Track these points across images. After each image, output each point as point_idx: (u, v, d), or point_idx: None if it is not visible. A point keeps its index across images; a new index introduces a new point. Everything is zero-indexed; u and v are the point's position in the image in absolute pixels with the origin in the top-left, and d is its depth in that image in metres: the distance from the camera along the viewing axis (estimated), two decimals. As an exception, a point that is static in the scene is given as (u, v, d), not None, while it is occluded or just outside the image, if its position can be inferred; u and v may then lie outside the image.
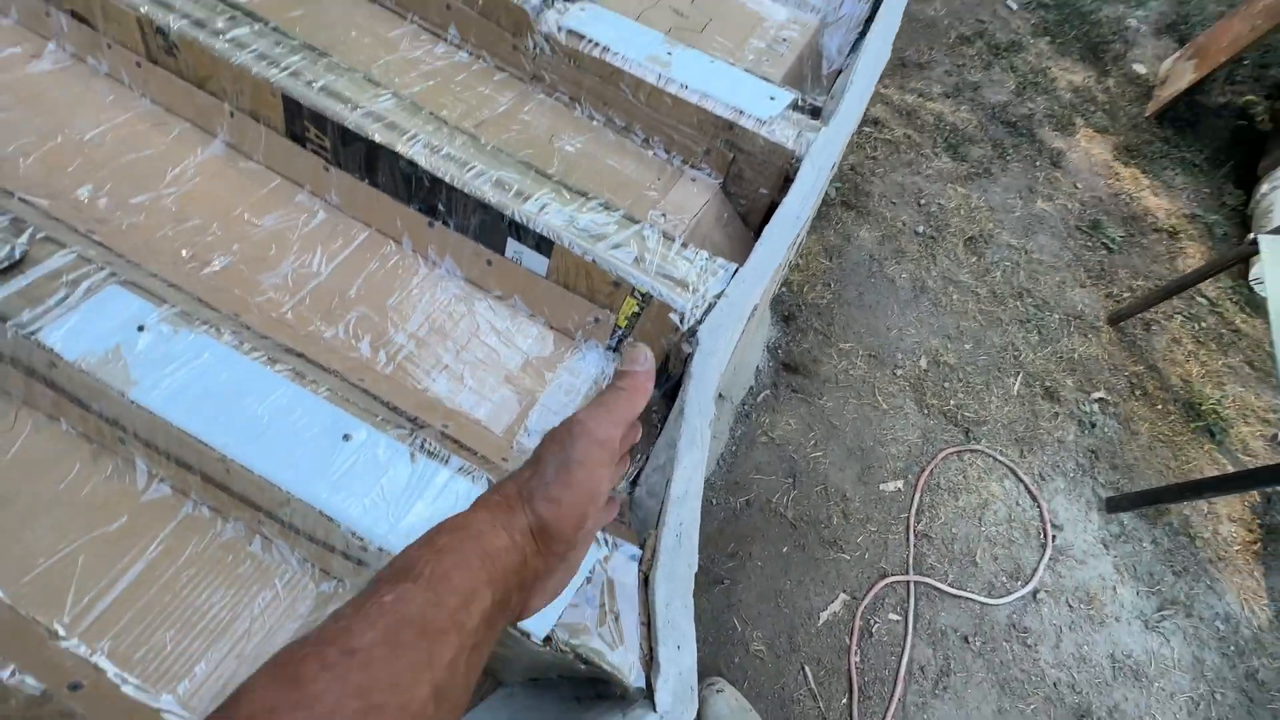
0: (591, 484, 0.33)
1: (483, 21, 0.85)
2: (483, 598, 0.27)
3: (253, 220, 0.68)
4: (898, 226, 1.80)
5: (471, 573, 0.27)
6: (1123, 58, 2.49)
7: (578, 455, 0.32)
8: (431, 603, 0.25)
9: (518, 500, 0.32)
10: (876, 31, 0.88)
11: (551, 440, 0.34)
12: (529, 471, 0.33)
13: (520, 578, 0.30)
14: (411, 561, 0.27)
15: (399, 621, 0.24)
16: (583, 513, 0.32)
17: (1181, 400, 1.64)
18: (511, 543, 0.30)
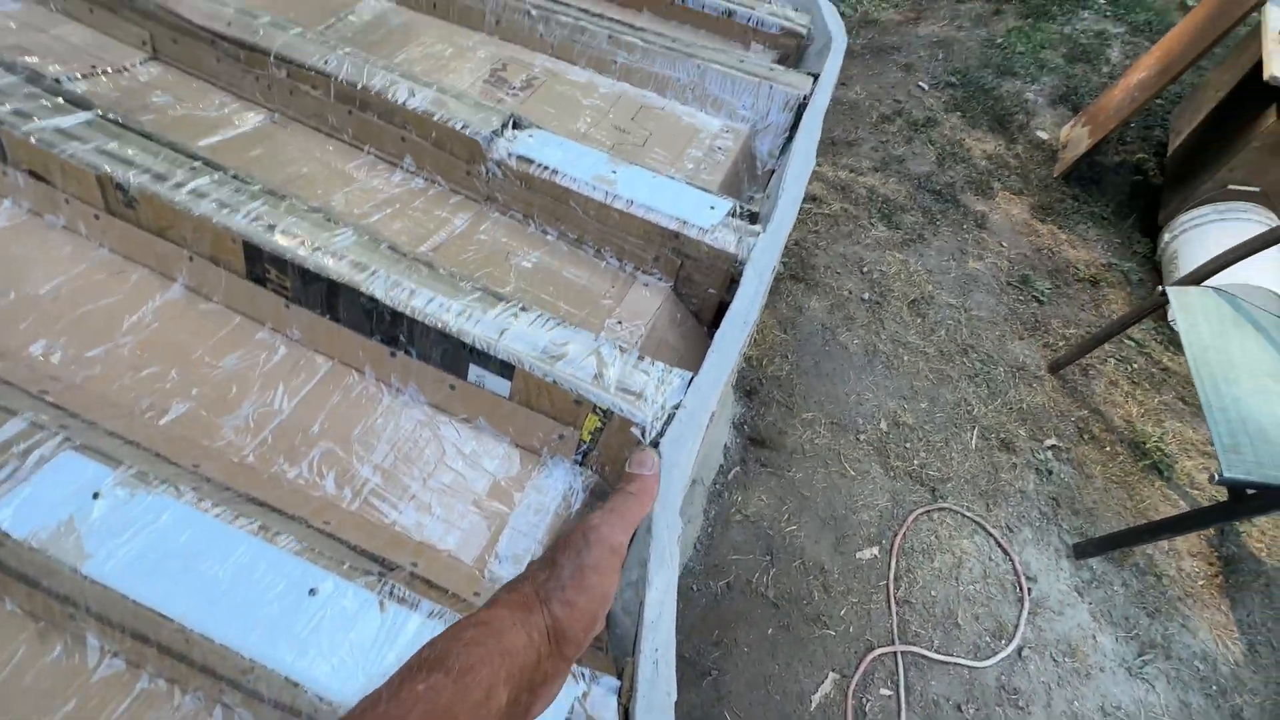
0: (604, 589, 0.34)
1: (437, 151, 0.91)
2: (499, 695, 0.28)
3: (212, 362, 0.68)
4: (845, 295, 1.90)
5: (493, 669, 0.28)
6: (1026, 126, 2.75)
7: (592, 561, 0.34)
8: (459, 696, 0.26)
9: (535, 600, 0.33)
10: (800, 141, 0.97)
11: (567, 545, 0.35)
12: (545, 574, 0.34)
13: (532, 678, 0.31)
14: (441, 654, 0.28)
15: (430, 712, 0.25)
16: (594, 616, 0.34)
17: (1126, 440, 1.73)
18: (529, 641, 0.31)
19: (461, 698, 0.26)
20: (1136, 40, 3.18)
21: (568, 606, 0.33)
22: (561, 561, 0.34)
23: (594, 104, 1.09)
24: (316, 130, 0.96)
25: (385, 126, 0.91)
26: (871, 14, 3.28)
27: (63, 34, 0.98)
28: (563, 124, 1.05)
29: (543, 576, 0.34)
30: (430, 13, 1.20)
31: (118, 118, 0.77)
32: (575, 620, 0.33)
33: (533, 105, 1.07)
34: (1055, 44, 3.12)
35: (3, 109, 0.73)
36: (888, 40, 3.10)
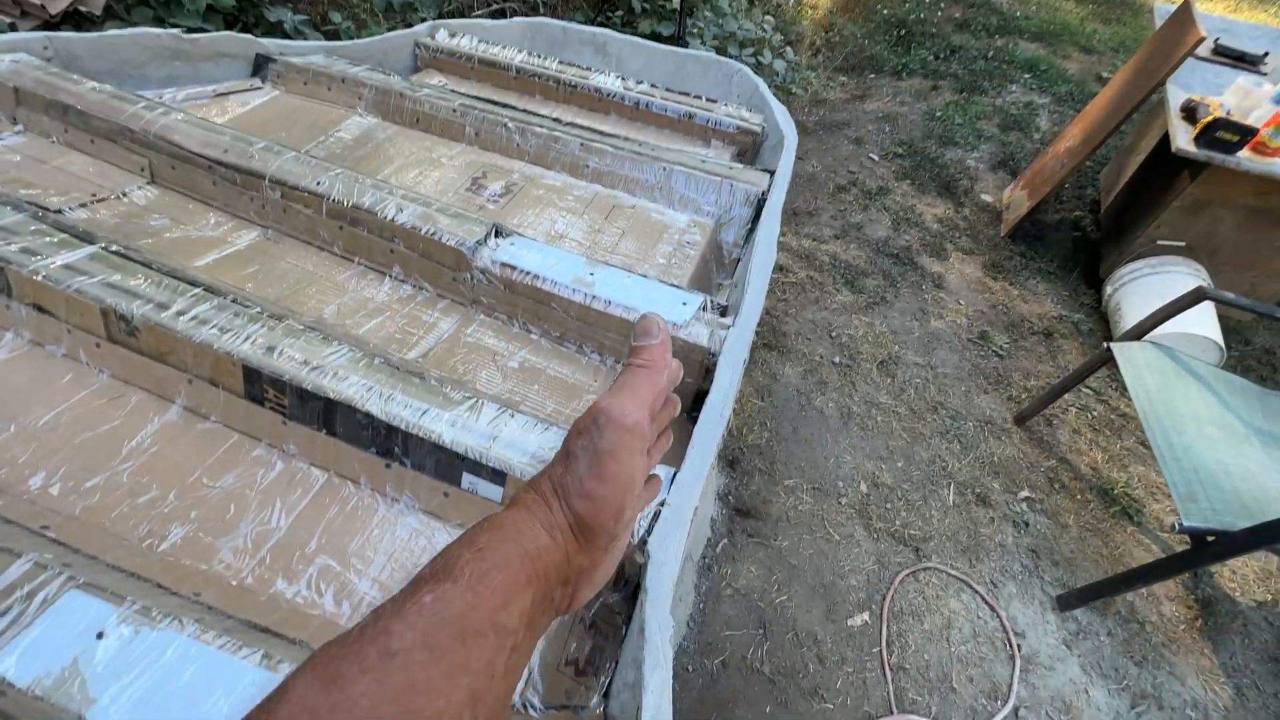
0: (626, 474, 0.31)
1: (424, 261, 0.97)
2: (523, 597, 0.26)
3: (210, 483, 0.70)
4: (817, 360, 1.97)
5: (512, 573, 0.26)
6: (971, 191, 2.96)
7: (606, 446, 0.31)
8: (471, 605, 0.24)
9: (554, 497, 0.31)
10: (761, 234, 1.05)
11: (578, 433, 0.32)
12: (561, 467, 0.32)
13: (564, 574, 0.29)
14: (452, 561, 0.26)
15: (437, 623, 0.23)
16: (620, 504, 0.31)
17: (1095, 488, 1.79)
18: (553, 541, 0.29)
19: (474, 606, 0.24)
20: (1061, 109, 3.48)
21: (587, 499, 0.30)
22: (575, 453, 0.32)
23: (569, 206, 1.17)
24: (309, 244, 1.01)
25: (375, 239, 0.97)
26: (821, 94, 3.54)
27: (63, 164, 1.03)
28: (541, 226, 1.13)
29: (559, 470, 0.32)
30: (414, 126, 1.29)
31: (120, 249, 0.82)
32: (599, 512, 0.31)
33: (512, 209, 1.15)
34: (989, 115, 3.40)
35: (10, 248, 0.77)
36: (838, 117, 3.35)
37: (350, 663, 0.21)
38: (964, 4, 4.40)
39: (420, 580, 0.25)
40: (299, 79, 1.32)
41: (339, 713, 0.20)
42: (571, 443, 0.32)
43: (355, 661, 0.21)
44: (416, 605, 0.24)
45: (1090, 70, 3.86)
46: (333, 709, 0.20)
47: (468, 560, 0.26)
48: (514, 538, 0.28)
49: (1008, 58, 3.84)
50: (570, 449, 0.32)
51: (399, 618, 0.23)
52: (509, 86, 1.50)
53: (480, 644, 0.24)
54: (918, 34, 4.06)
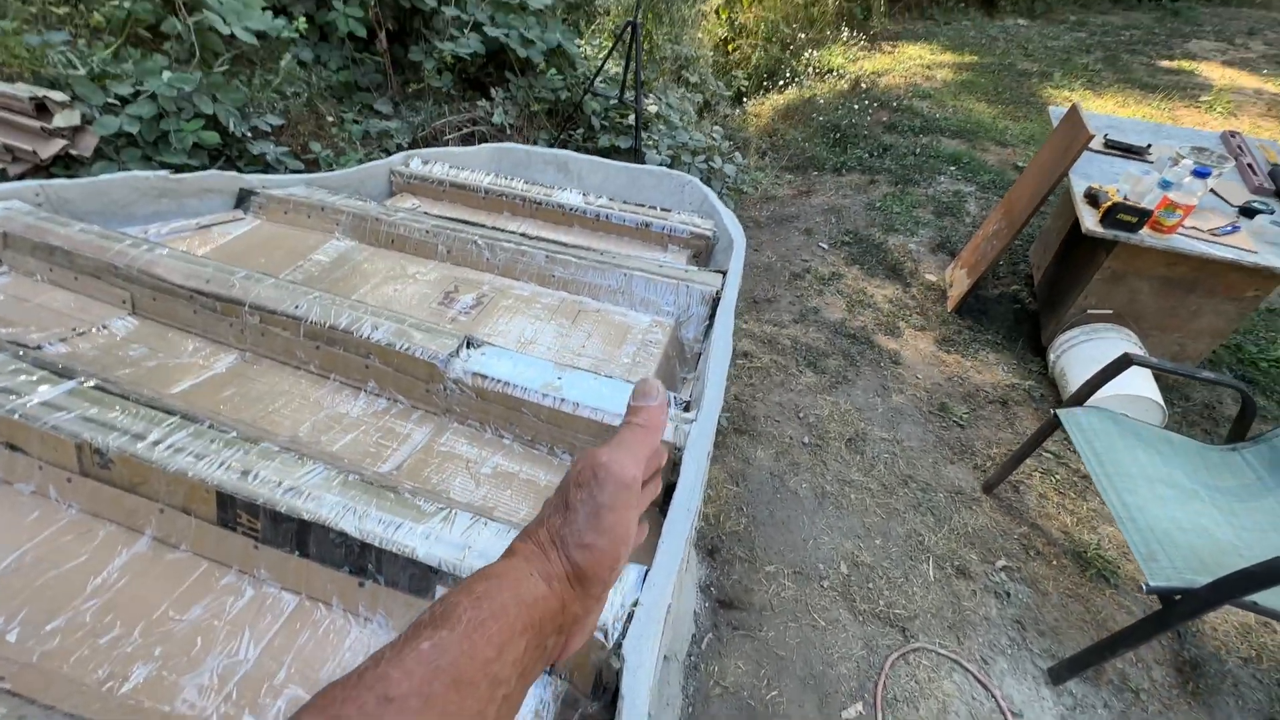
0: (623, 527, 0.33)
1: (398, 374, 1.01)
2: (516, 645, 0.27)
3: (176, 616, 0.69)
4: (787, 441, 2.02)
5: (508, 622, 0.27)
6: (916, 272, 3.18)
7: (606, 500, 0.32)
8: (466, 653, 0.25)
9: (552, 548, 0.32)
10: (718, 332, 1.13)
11: (577, 486, 0.33)
12: (559, 519, 0.33)
13: (558, 622, 0.30)
14: (450, 608, 0.27)
15: (434, 671, 0.24)
16: (616, 555, 0.33)
17: (1069, 552, 1.82)
18: (549, 590, 0.30)
19: (470, 654, 0.25)
20: (986, 195, 3.83)
21: (586, 550, 0.31)
22: (574, 504, 0.33)
23: (537, 313, 1.25)
24: (285, 364, 1.05)
25: (351, 356, 1.02)
26: (771, 191, 3.85)
27: (46, 301, 1.07)
28: (511, 333, 1.19)
29: (556, 522, 0.33)
30: (389, 247, 1.38)
31: (99, 382, 0.84)
32: (596, 563, 0.32)
33: (483, 319, 1.21)
34: (923, 204, 3.71)
35: (-12, 389, 0.79)
36: (787, 211, 3.62)
37: (350, 706, 0.22)
38: (889, 109, 4.92)
39: (419, 626, 0.26)
40: (280, 209, 1.41)
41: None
42: (571, 495, 0.33)
43: (354, 706, 0.22)
44: (415, 652, 0.25)
45: (1007, 161, 4.28)
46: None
47: (465, 608, 0.27)
48: (511, 586, 0.29)
49: (933, 153, 4.26)
50: (570, 501, 0.33)
51: (397, 664, 0.24)
52: (478, 206, 1.62)
53: (473, 693, 0.24)
54: (852, 136, 4.48)
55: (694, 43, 4.80)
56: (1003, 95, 5.29)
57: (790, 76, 5.42)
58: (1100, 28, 7.13)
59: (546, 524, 0.33)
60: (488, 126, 3.10)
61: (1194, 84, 5.58)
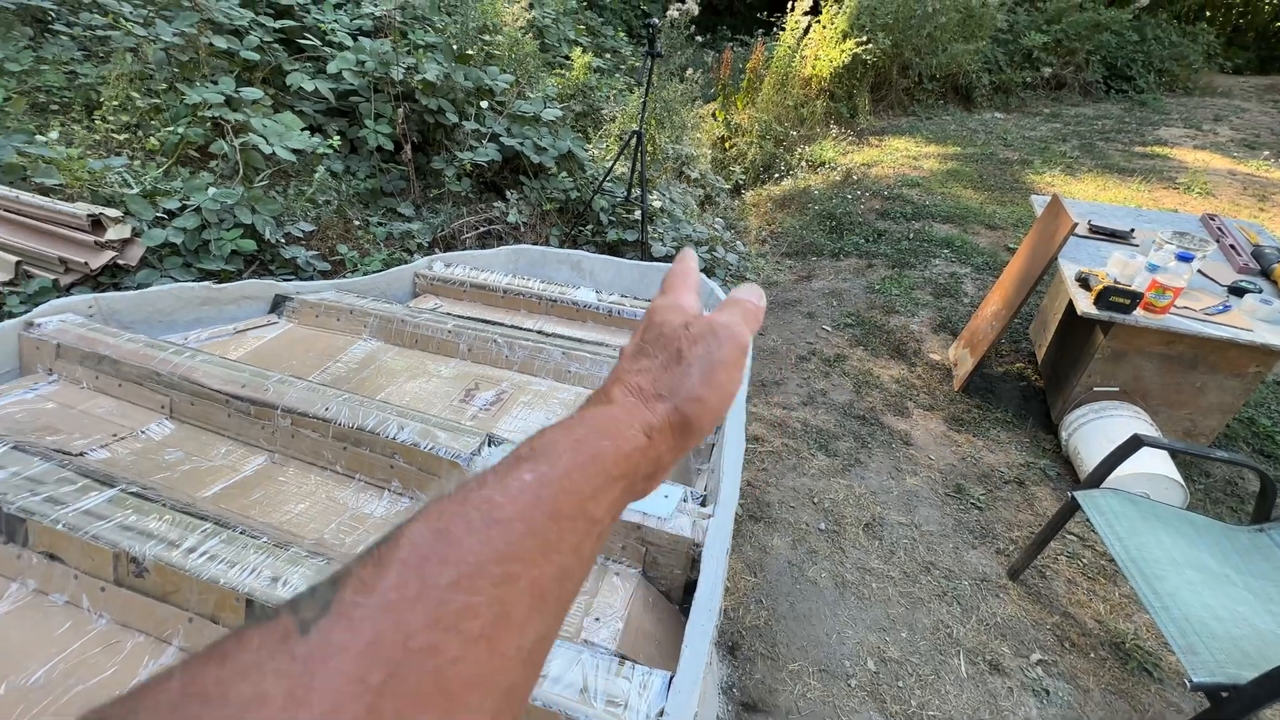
0: (733, 386, 0.33)
1: (421, 474, 1.04)
2: (612, 490, 0.28)
3: None
4: (803, 528, 2.00)
5: (604, 468, 0.27)
6: (920, 352, 3.24)
7: (723, 357, 0.33)
8: (566, 490, 0.25)
9: (656, 400, 0.32)
10: (730, 427, 1.16)
11: (693, 340, 0.33)
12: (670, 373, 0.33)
13: (652, 470, 0.30)
14: (551, 447, 0.27)
15: (535, 501, 0.24)
16: (723, 409, 0.33)
17: (1106, 643, 1.74)
18: (648, 442, 0.30)
19: (569, 491, 0.26)
20: (981, 276, 3.95)
21: (698, 403, 0.31)
22: (690, 358, 0.33)
23: (555, 410, 1.29)
24: (312, 465, 1.08)
25: (376, 457, 1.05)
26: (772, 277, 4.00)
27: (90, 408, 1.13)
28: (530, 428, 1.23)
29: (666, 376, 0.32)
30: (413, 347, 1.45)
31: (139, 488, 0.88)
32: (705, 414, 0.32)
33: (502, 416, 1.26)
34: (921, 285, 3.84)
35: (35, 499, 0.83)
36: (789, 296, 3.75)
37: (458, 521, 0.23)
38: (881, 197, 5.19)
39: (519, 459, 0.26)
40: (312, 312, 1.50)
41: (448, 565, 0.21)
42: (686, 349, 0.33)
43: (462, 522, 0.23)
44: (519, 482, 0.25)
45: (999, 242, 4.46)
46: (443, 560, 0.21)
47: (565, 449, 0.27)
48: (612, 434, 0.29)
49: (926, 237, 4.45)
50: (685, 355, 0.33)
51: (501, 490, 0.24)
52: (497, 304, 1.71)
53: (571, 527, 0.25)
54: (847, 223, 4.71)
55: (693, 142, 5.17)
56: (988, 182, 5.58)
57: (785, 169, 5.77)
58: (1074, 119, 7.62)
59: (652, 376, 0.33)
60: (503, 225, 3.29)
61: (1169, 167, 5.89)
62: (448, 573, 0.21)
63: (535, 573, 0.23)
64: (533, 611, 0.22)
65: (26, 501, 0.82)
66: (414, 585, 0.20)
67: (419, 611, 0.19)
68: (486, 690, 0.20)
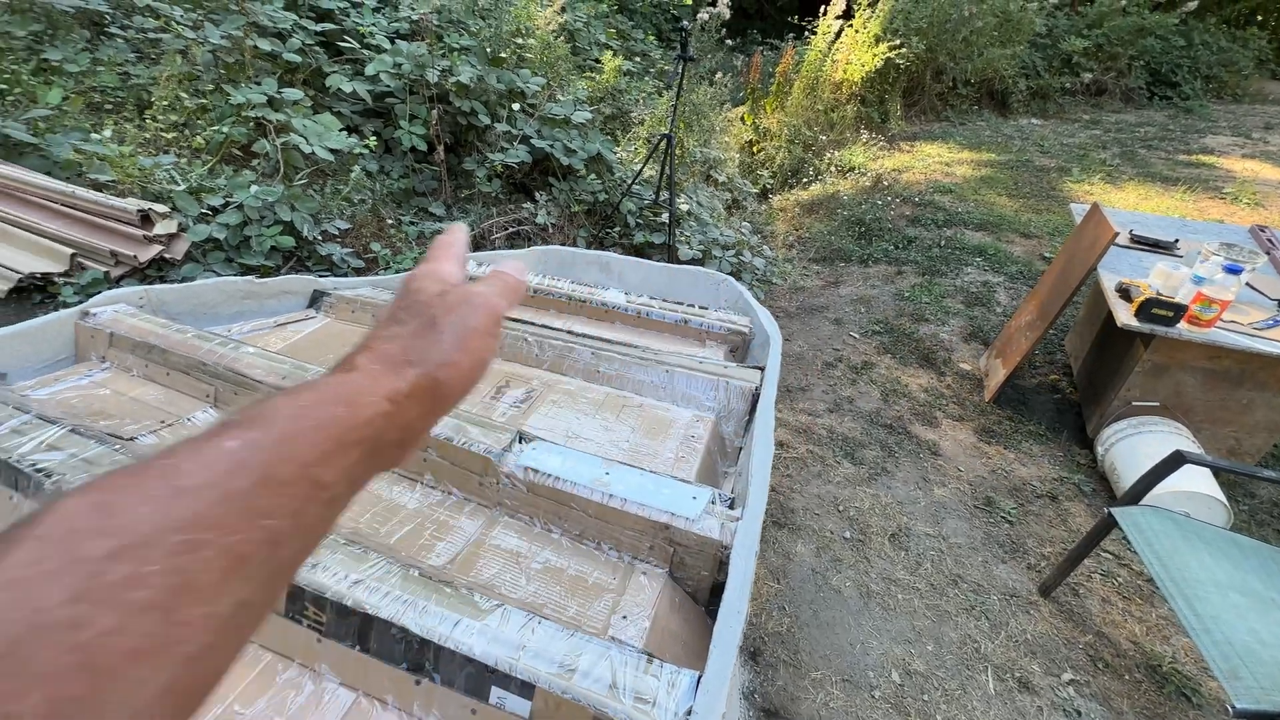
0: (487, 354, 0.35)
1: (453, 468, 1.06)
2: (347, 456, 0.26)
3: (240, 710, 0.71)
4: (827, 536, 1.97)
5: (335, 433, 0.26)
6: (949, 361, 3.18)
7: (477, 324, 0.34)
8: (283, 456, 0.24)
9: (404, 365, 0.31)
10: (759, 429, 1.16)
11: (448, 309, 0.34)
12: (422, 340, 0.33)
13: (400, 437, 0.30)
14: (267, 412, 0.25)
15: (236, 467, 0.23)
16: (476, 376, 0.34)
17: (1141, 665, 1.68)
18: (393, 408, 0.29)
19: (285, 458, 0.24)
20: (1015, 286, 3.87)
21: (450, 368, 0.32)
22: (444, 326, 0.33)
23: (584, 408, 1.30)
24: (348, 456, 1.11)
25: (410, 450, 1.07)
26: (799, 282, 3.97)
27: (140, 395, 1.17)
28: (559, 427, 1.24)
29: (419, 342, 0.33)
30: (445, 344, 1.47)
31: (186, 474, 0.91)
32: (456, 380, 0.33)
33: (532, 412, 1.27)
34: (952, 294, 3.77)
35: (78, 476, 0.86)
36: (816, 302, 3.71)
37: (130, 493, 0.21)
38: (912, 203, 5.12)
39: (226, 426, 0.24)
40: (348, 308, 1.54)
41: (106, 534, 0.19)
42: (441, 317, 0.34)
43: (136, 492, 0.21)
44: (216, 449, 0.23)
45: (1034, 251, 4.36)
46: (99, 530, 0.19)
47: (286, 416, 0.26)
48: (348, 401, 0.28)
49: (958, 245, 4.37)
50: (438, 322, 0.34)
51: (192, 457, 0.23)
52: (526, 304, 1.73)
53: (290, 493, 0.24)
54: (876, 229, 4.65)
55: (721, 146, 5.16)
56: (1023, 190, 5.46)
57: (813, 174, 5.72)
58: (1114, 125, 7.41)
59: (400, 342, 0.33)
60: (531, 226, 3.33)
61: (1215, 177, 5.69)
62: (104, 544, 0.19)
63: (232, 539, 0.22)
64: (229, 578, 0.21)
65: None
66: (54, 559, 0.19)
67: (58, 585, 0.18)
68: (158, 661, 0.19)
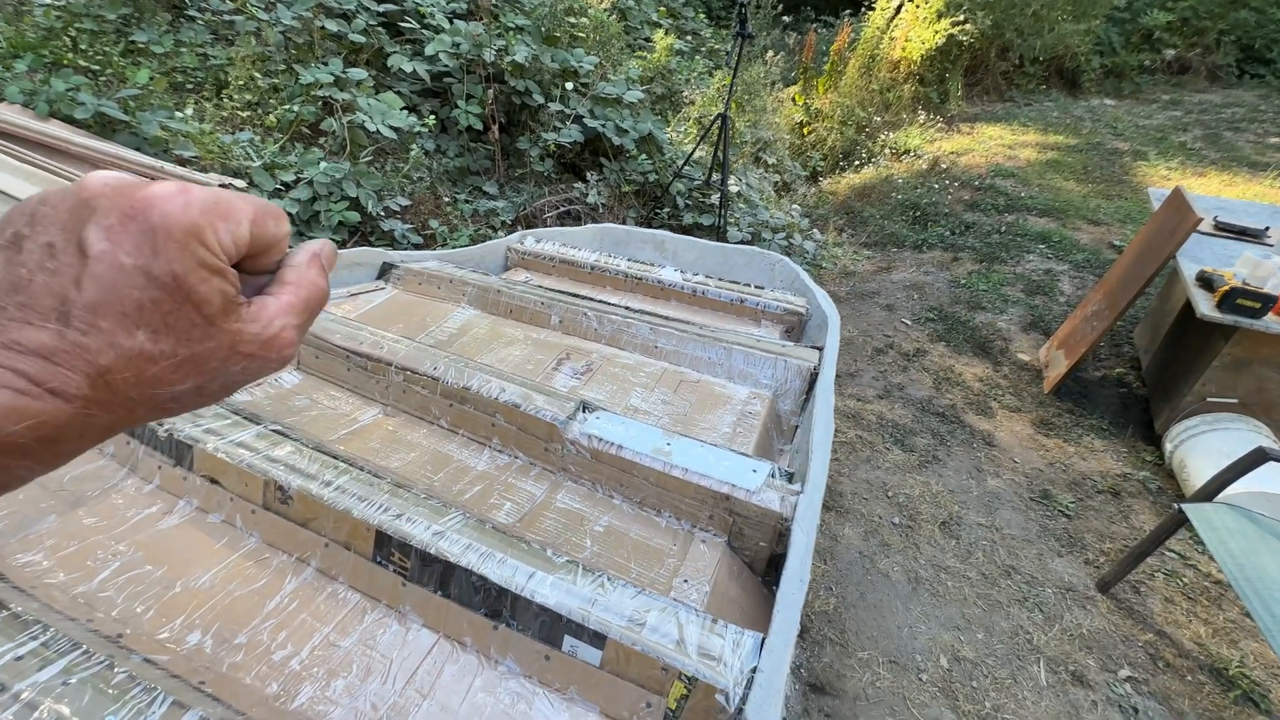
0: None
1: (520, 433, 1.10)
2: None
3: (335, 642, 0.77)
4: (876, 520, 1.96)
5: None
6: (1007, 350, 3.07)
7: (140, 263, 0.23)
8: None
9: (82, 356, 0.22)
10: (819, 409, 1.16)
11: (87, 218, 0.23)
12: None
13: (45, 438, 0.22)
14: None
15: None
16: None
17: (1206, 667, 1.62)
18: (37, 407, 0.22)
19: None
20: (1081, 275, 3.70)
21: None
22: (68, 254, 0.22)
23: (642, 381, 1.32)
24: (420, 419, 1.17)
25: (479, 415, 1.12)
26: (849, 267, 3.89)
27: (231, 356, 1.25)
28: (619, 400, 1.27)
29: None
30: (507, 316, 1.52)
31: (279, 427, 0.98)
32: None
33: (592, 386, 1.31)
34: (1011, 282, 3.63)
35: (196, 429, 0.94)
36: (867, 287, 3.64)
37: None
38: (971, 188, 4.92)
39: None
40: (415, 280, 1.60)
41: None
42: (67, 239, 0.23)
43: None
44: None
45: (1102, 239, 4.14)
46: None
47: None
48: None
49: (1020, 231, 4.19)
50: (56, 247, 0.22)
51: None
52: (584, 280, 1.76)
53: None
54: (932, 214, 4.50)
55: (772, 127, 5.06)
56: (1093, 174, 5.18)
57: (866, 157, 5.56)
58: (1197, 106, 6.92)
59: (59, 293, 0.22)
60: (582, 205, 3.35)
61: (1312, 162, 5.27)
62: None
63: None
64: None
65: (191, 431, 0.93)
66: None
67: None
68: None
